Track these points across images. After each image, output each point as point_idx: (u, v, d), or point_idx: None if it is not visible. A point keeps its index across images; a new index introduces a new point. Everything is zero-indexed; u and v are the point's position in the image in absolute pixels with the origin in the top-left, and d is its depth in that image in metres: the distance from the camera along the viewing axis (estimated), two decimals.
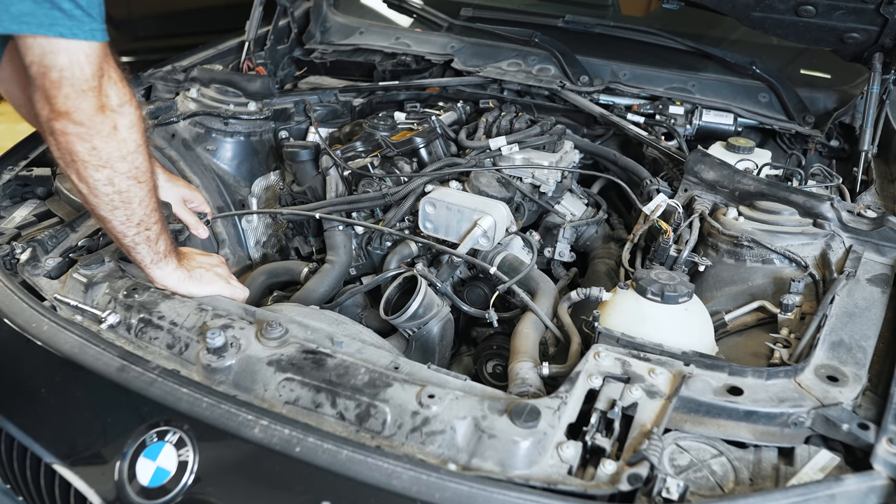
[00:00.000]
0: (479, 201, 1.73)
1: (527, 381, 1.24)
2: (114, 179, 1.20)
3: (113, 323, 1.32)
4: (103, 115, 1.14)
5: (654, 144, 2.03)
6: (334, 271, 1.81)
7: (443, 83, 2.41)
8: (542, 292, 1.56)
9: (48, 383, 1.27)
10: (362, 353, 1.23)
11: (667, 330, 1.29)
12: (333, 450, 1.03)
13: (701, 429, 1.08)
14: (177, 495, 1.08)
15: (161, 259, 1.36)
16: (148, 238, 1.32)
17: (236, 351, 1.21)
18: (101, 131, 1.15)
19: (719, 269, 1.55)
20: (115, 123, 1.16)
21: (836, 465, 1.01)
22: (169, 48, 2.60)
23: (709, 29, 2.51)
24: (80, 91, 1.11)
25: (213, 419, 1.10)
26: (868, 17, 1.85)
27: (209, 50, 2.50)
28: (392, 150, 1.99)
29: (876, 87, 1.93)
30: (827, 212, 1.56)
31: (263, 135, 2.18)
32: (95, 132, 1.15)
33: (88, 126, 1.14)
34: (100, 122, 1.14)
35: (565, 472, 1.01)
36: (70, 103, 1.11)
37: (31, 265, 1.48)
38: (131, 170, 1.22)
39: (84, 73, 1.11)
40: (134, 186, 1.23)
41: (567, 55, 2.35)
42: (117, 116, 1.16)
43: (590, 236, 1.97)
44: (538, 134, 1.98)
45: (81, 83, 1.11)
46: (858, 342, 1.23)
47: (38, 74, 1.11)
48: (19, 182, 1.78)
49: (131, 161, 1.21)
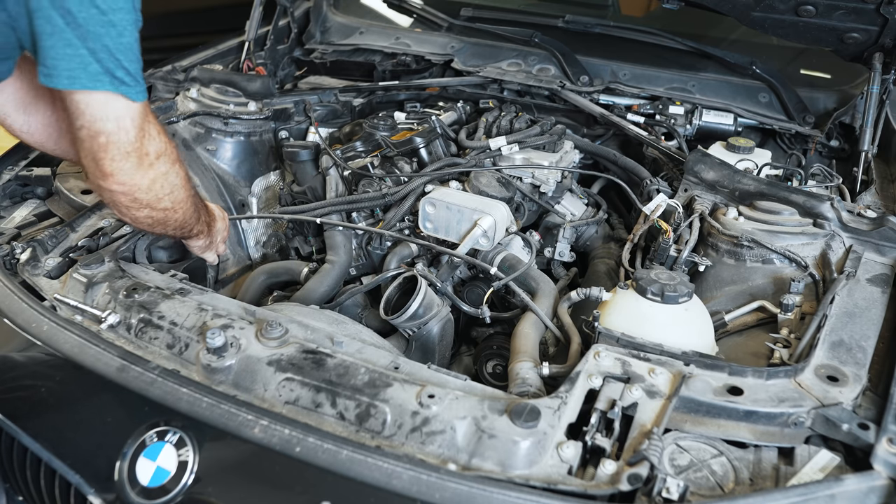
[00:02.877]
0: (479, 201, 1.73)
1: (527, 381, 1.24)
2: (153, 215, 1.35)
3: (113, 323, 1.32)
4: (143, 171, 1.26)
5: (654, 144, 2.04)
6: (334, 271, 1.81)
7: (443, 83, 2.41)
8: (542, 292, 1.56)
9: (48, 383, 1.27)
10: (362, 353, 1.23)
11: (667, 330, 1.29)
12: (333, 450, 1.03)
13: (701, 429, 1.08)
14: (177, 495, 1.08)
15: (192, 238, 1.56)
16: (182, 234, 1.51)
17: (236, 351, 1.21)
18: (141, 186, 1.28)
19: (719, 269, 1.55)
20: (153, 176, 1.29)
21: (836, 465, 1.01)
22: (169, 48, 2.60)
23: (709, 29, 2.51)
24: (124, 153, 1.22)
25: (213, 419, 1.10)
26: (868, 17, 1.85)
27: (209, 50, 2.50)
28: (392, 150, 1.99)
29: (876, 87, 1.93)
30: (827, 212, 1.56)
31: (263, 135, 2.18)
32: (136, 188, 1.28)
33: (130, 184, 1.26)
34: (140, 177, 1.26)
35: (565, 472, 1.01)
36: (115, 165, 1.23)
37: (31, 265, 1.48)
38: (168, 205, 1.36)
39: (129, 136, 1.22)
40: (171, 215, 1.39)
41: (567, 55, 2.35)
42: (155, 169, 1.28)
43: (590, 236, 1.97)
44: (538, 134, 1.98)
45: (126, 146, 1.22)
46: (858, 342, 1.23)
47: (86, 138, 1.21)
48: (19, 182, 1.78)
49: (168, 200, 1.35)
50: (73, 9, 1.12)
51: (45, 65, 1.15)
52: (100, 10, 1.13)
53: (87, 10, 1.12)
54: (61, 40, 1.13)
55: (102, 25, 1.14)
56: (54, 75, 1.15)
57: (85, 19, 1.12)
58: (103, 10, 1.13)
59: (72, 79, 1.15)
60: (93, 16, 1.13)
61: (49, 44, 1.14)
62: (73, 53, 1.14)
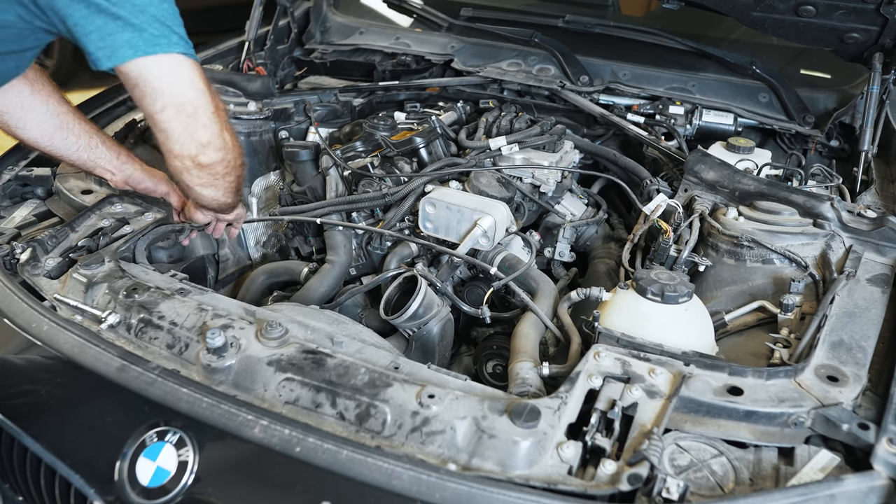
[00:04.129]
0: (479, 201, 1.73)
1: (527, 381, 1.24)
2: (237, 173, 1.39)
3: (113, 323, 1.32)
4: (224, 127, 1.28)
5: (654, 144, 2.03)
6: (334, 271, 1.81)
7: (443, 83, 2.41)
8: (542, 292, 1.56)
9: (48, 383, 1.27)
10: (362, 353, 1.23)
11: (667, 330, 1.29)
12: (333, 450, 1.03)
13: (701, 429, 1.08)
14: (177, 495, 1.08)
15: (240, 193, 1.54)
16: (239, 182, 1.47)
17: (236, 351, 1.21)
18: (229, 143, 1.30)
19: (719, 269, 1.55)
20: (229, 129, 1.30)
21: (836, 465, 1.01)
22: None
23: (709, 29, 2.51)
24: (210, 115, 1.26)
25: (213, 419, 1.10)
26: (868, 17, 1.85)
27: (209, 50, 2.50)
28: (392, 150, 1.99)
29: (876, 87, 1.93)
30: (827, 212, 1.56)
31: (263, 135, 2.17)
32: (225, 147, 1.29)
33: (221, 145, 1.29)
34: (227, 134, 1.29)
35: (565, 472, 1.01)
36: (208, 131, 1.25)
37: (31, 265, 1.48)
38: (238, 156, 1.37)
39: (206, 97, 1.24)
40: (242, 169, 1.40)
41: (567, 55, 2.35)
42: (222, 123, 1.30)
43: (590, 236, 1.97)
44: (538, 134, 1.98)
45: (207, 106, 1.25)
46: (858, 342, 1.23)
47: (173, 117, 1.21)
48: (19, 182, 1.78)
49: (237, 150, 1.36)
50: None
51: (101, 46, 1.14)
52: None
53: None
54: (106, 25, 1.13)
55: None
56: (113, 53, 1.14)
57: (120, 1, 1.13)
58: None
59: (133, 48, 1.14)
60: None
61: (94, 28, 1.13)
62: (123, 28, 1.13)
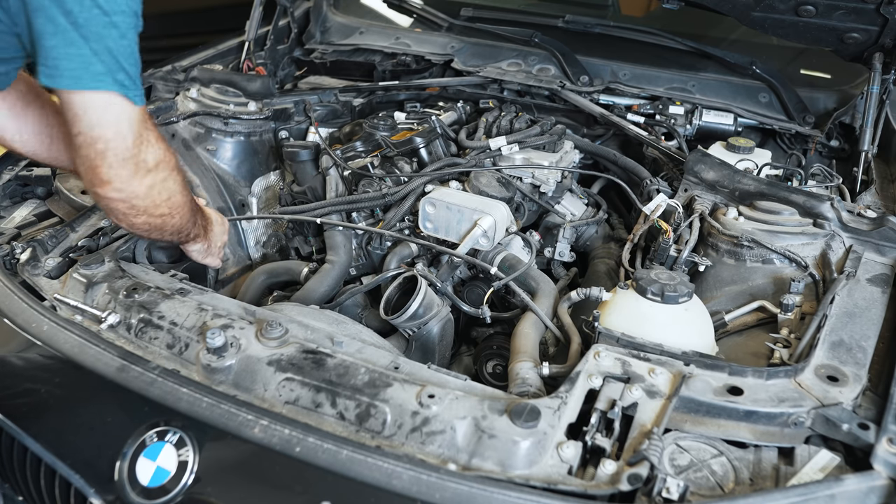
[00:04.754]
0: (479, 201, 1.73)
1: (527, 381, 1.24)
2: (150, 221, 1.34)
3: (113, 323, 1.32)
4: (140, 178, 1.25)
5: (654, 144, 2.03)
6: (334, 271, 1.81)
7: (443, 83, 2.41)
8: (542, 292, 1.56)
9: (48, 383, 1.27)
10: (362, 353, 1.23)
11: (667, 330, 1.29)
12: (333, 450, 1.03)
13: (701, 429, 1.08)
14: (177, 495, 1.08)
15: (190, 242, 1.56)
16: (179, 239, 1.50)
17: (236, 351, 1.21)
18: (139, 193, 1.27)
19: (719, 269, 1.55)
20: (150, 183, 1.27)
21: (836, 465, 1.01)
22: (169, 48, 2.60)
23: (709, 29, 2.51)
24: (121, 160, 1.21)
25: (213, 419, 1.10)
26: (868, 17, 1.85)
27: (209, 50, 2.49)
28: (392, 150, 1.99)
29: (876, 87, 1.93)
30: (827, 212, 1.56)
31: (263, 135, 2.18)
32: (133, 195, 1.26)
33: (127, 192, 1.25)
34: (137, 185, 1.25)
35: (565, 472, 1.01)
36: (112, 172, 1.22)
37: (31, 265, 1.48)
38: (165, 211, 1.35)
39: (126, 142, 1.21)
40: (168, 220, 1.37)
41: (567, 55, 2.35)
42: (152, 176, 1.27)
43: (590, 236, 1.97)
44: (538, 134, 1.98)
45: (123, 152, 1.21)
46: (858, 342, 1.23)
47: (84, 145, 1.20)
48: (19, 182, 1.78)
49: (165, 206, 1.34)
50: (73, 9, 1.11)
51: (47, 65, 1.14)
52: (102, 10, 1.12)
53: (89, 10, 1.11)
54: (64, 40, 1.12)
55: (105, 27, 1.13)
56: (56, 75, 1.14)
57: (86, 20, 1.12)
58: (106, 11, 1.13)
59: (75, 79, 1.14)
60: (95, 16, 1.12)
61: (51, 43, 1.12)
62: (76, 53, 1.13)
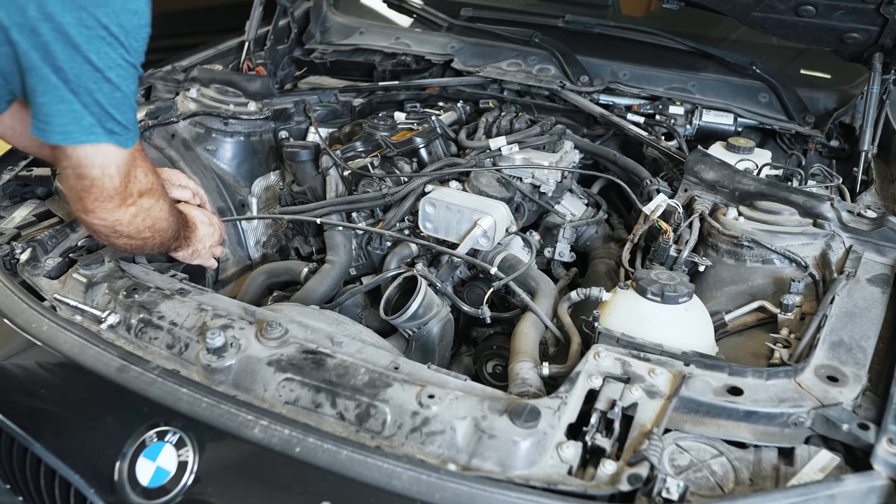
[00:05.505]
0: (479, 201, 1.73)
1: (527, 381, 1.24)
2: (131, 243, 1.37)
3: (113, 323, 1.32)
4: (125, 209, 1.29)
5: (654, 144, 2.03)
6: (334, 271, 1.81)
7: (443, 83, 2.41)
8: (542, 292, 1.56)
9: (48, 383, 1.27)
10: (362, 353, 1.23)
11: (667, 330, 1.29)
12: (333, 450, 1.03)
13: (701, 429, 1.08)
14: (177, 495, 1.08)
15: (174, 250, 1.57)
16: (160, 251, 1.50)
17: (236, 351, 1.21)
18: (122, 221, 1.30)
19: (719, 269, 1.55)
20: (135, 212, 1.31)
21: (836, 465, 1.01)
22: (169, 48, 2.60)
23: (709, 29, 2.51)
24: (107, 197, 1.25)
25: (213, 419, 1.10)
26: (868, 17, 1.85)
27: (209, 50, 2.49)
28: (392, 150, 1.99)
29: (876, 87, 1.93)
30: (827, 212, 1.56)
31: (263, 135, 2.18)
32: (117, 223, 1.30)
33: (111, 220, 1.29)
34: (121, 214, 1.29)
35: (565, 473, 1.01)
36: (97, 205, 1.26)
37: (31, 265, 1.48)
38: (148, 235, 1.37)
39: (113, 182, 1.24)
40: (150, 241, 1.40)
41: (567, 55, 2.35)
42: (137, 206, 1.31)
43: (590, 236, 1.97)
44: (538, 134, 1.98)
45: (110, 191, 1.25)
46: (858, 342, 1.23)
47: (71, 177, 1.23)
48: (19, 182, 1.78)
49: (148, 231, 1.37)
50: (65, 66, 1.12)
51: (39, 119, 1.17)
52: (94, 67, 1.14)
53: (80, 66, 1.13)
54: (55, 97, 1.14)
55: (95, 82, 1.15)
56: (47, 131, 1.16)
57: (77, 75, 1.13)
58: (98, 67, 1.14)
59: (65, 134, 1.17)
60: (86, 72, 1.14)
61: (43, 100, 1.15)
62: (67, 109, 1.15)
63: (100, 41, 1.13)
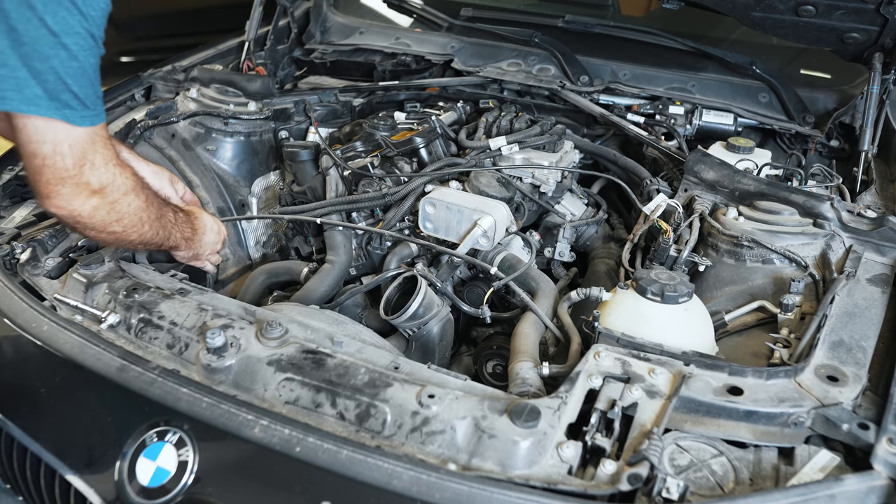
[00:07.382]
0: (479, 201, 1.73)
1: (527, 381, 1.24)
2: (100, 237, 1.32)
3: (113, 323, 1.32)
4: (82, 199, 1.23)
5: (654, 144, 2.03)
6: (334, 271, 1.81)
7: (443, 83, 2.41)
8: (542, 292, 1.56)
9: (48, 383, 1.26)
10: (362, 353, 1.23)
11: (667, 330, 1.29)
12: (333, 450, 1.03)
13: (701, 429, 1.08)
14: (177, 495, 1.08)
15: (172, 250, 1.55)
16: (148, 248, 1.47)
17: (236, 351, 1.21)
18: (82, 213, 1.24)
19: (719, 269, 1.55)
20: (95, 205, 1.24)
21: (836, 465, 1.01)
22: (169, 48, 2.60)
23: (709, 29, 2.51)
24: (59, 179, 1.19)
25: (213, 419, 1.10)
26: (868, 17, 1.85)
27: (209, 50, 2.49)
28: (392, 150, 1.99)
29: (876, 87, 1.93)
30: (827, 212, 1.56)
31: (263, 135, 2.18)
32: (76, 213, 1.24)
33: (69, 209, 1.23)
34: (79, 205, 1.23)
35: (565, 472, 1.01)
36: (50, 188, 1.19)
37: (31, 265, 1.48)
38: (118, 230, 1.31)
39: (65, 163, 1.18)
40: (124, 237, 1.34)
41: (567, 55, 2.35)
42: (98, 198, 1.24)
43: (590, 236, 1.97)
44: (538, 134, 1.98)
45: (61, 172, 1.18)
46: (858, 342, 1.23)
47: (23, 156, 1.19)
48: (19, 182, 1.77)
49: (118, 226, 1.30)
50: (18, 27, 1.08)
51: None
52: (51, 31, 1.09)
53: (36, 30, 1.08)
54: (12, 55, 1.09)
55: (52, 47, 1.10)
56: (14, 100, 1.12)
57: (32, 39, 1.09)
58: (55, 31, 1.10)
59: (3, 99, 1.11)
60: (42, 36, 1.09)
61: None
62: (8, 74, 1.10)
63: (56, 4, 1.09)
